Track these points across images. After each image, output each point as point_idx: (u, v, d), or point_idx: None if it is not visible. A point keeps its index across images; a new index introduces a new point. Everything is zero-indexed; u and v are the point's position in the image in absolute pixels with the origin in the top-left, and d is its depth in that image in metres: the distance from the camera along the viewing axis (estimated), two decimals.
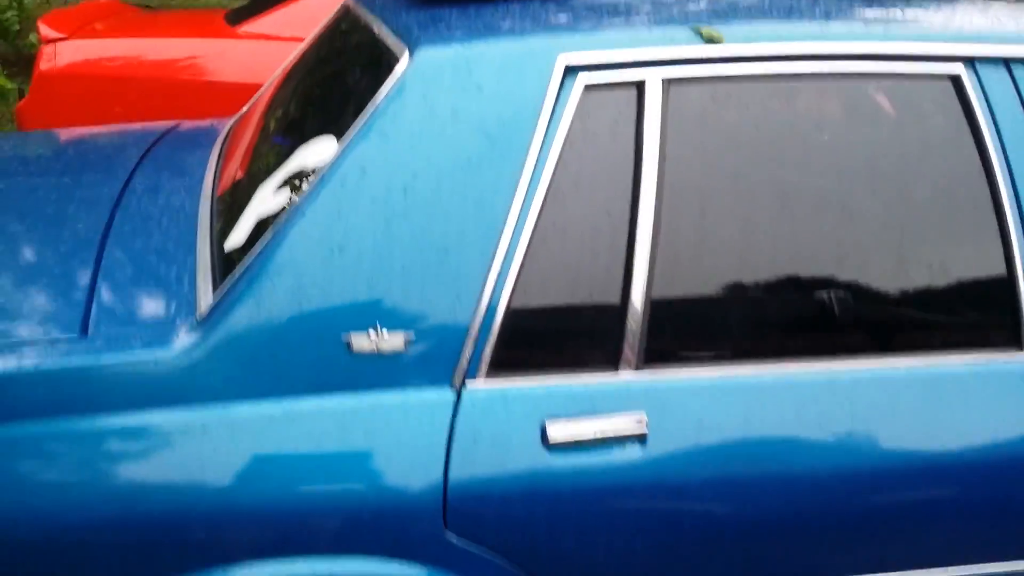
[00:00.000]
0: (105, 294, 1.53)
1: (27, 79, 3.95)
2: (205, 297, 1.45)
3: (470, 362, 1.42)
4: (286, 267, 1.38)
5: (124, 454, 1.35)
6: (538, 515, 1.44)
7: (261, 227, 1.48)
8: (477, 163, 1.42)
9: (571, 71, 1.45)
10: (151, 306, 1.53)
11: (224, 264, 1.50)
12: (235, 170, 1.86)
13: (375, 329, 1.38)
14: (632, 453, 1.46)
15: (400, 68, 1.44)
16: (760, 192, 1.55)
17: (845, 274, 1.58)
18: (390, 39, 1.56)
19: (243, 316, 1.37)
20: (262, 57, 3.67)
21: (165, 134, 2.36)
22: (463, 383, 1.42)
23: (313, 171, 1.47)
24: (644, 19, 1.56)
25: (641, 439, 1.46)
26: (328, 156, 1.44)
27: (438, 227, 1.41)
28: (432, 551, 1.41)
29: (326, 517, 1.38)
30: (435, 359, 1.41)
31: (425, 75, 1.43)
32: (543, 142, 1.43)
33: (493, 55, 1.44)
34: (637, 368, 1.48)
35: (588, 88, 1.46)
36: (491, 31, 1.50)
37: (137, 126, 2.56)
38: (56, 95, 3.73)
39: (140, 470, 1.35)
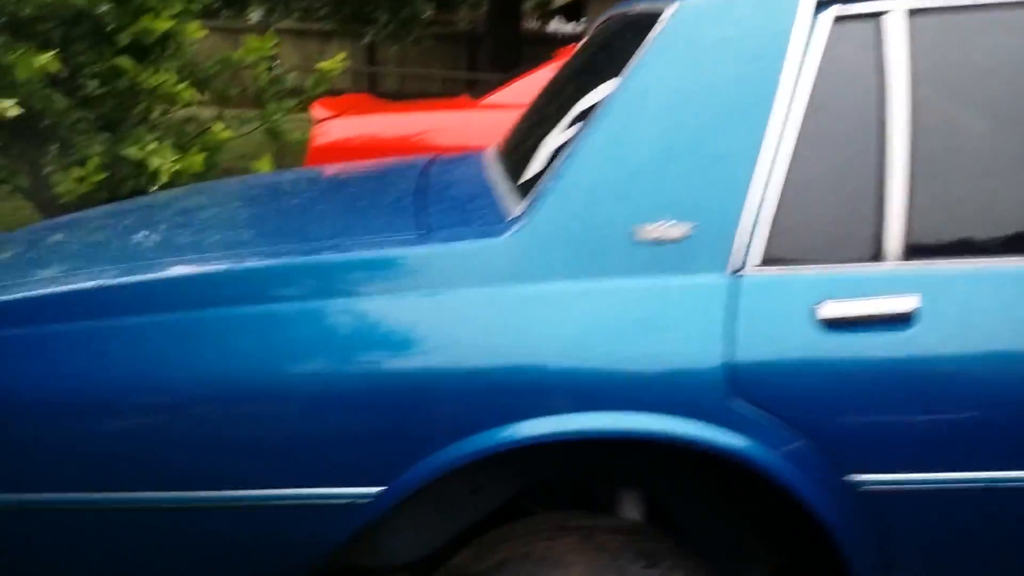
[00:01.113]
0: (434, 217, 1.87)
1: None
2: (516, 208, 1.72)
3: (744, 253, 1.61)
4: (583, 172, 1.64)
5: (456, 321, 1.60)
6: (814, 386, 1.59)
7: (555, 154, 1.75)
8: (741, 81, 1.64)
9: (821, 4, 1.67)
10: (472, 218, 1.85)
11: (524, 189, 1.78)
12: (516, 139, 2.17)
13: (660, 221, 1.61)
14: (900, 333, 1.59)
15: (668, 13, 1.70)
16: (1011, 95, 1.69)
17: None
18: (656, 5, 1.83)
19: (550, 213, 1.64)
20: (504, 123, 4.08)
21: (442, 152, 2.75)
22: (738, 271, 1.62)
23: (596, 105, 1.73)
24: None
25: (908, 320, 1.59)
26: (609, 91, 1.71)
27: (709, 137, 1.63)
28: (718, 414, 1.58)
29: (624, 378, 1.58)
30: (713, 249, 1.61)
31: (691, 13, 1.69)
32: (800, 62, 1.64)
33: None
34: (901, 259, 1.63)
35: (838, 19, 1.67)
36: None
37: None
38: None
39: (467, 334, 1.60)
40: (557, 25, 16.38)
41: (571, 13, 14.19)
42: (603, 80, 1.83)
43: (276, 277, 1.64)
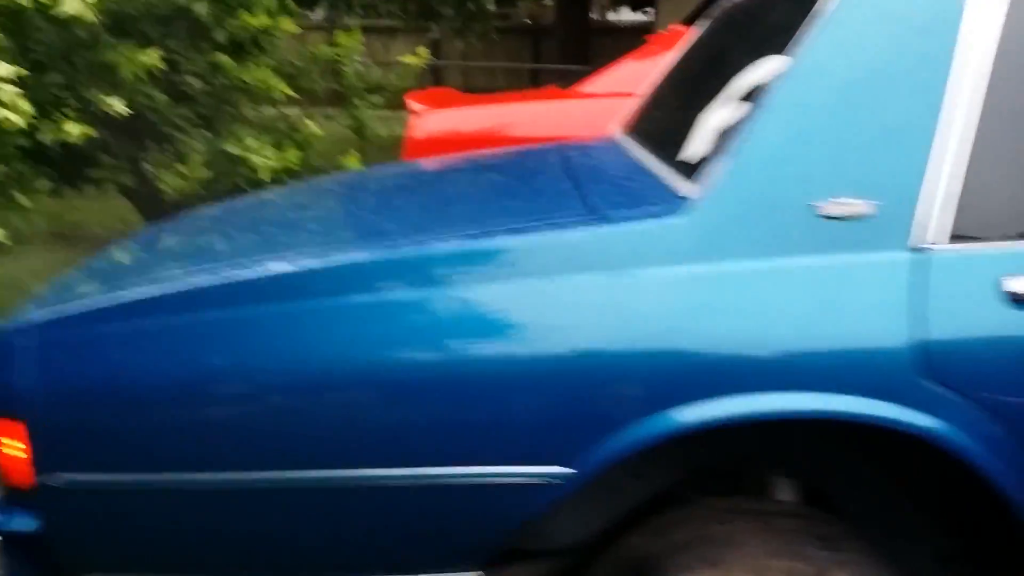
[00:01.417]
0: (598, 199, 1.87)
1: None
2: (685, 187, 1.70)
3: (928, 229, 1.58)
4: (762, 150, 1.62)
5: (640, 301, 1.59)
6: (1001, 363, 1.56)
7: (724, 132, 1.73)
8: (921, 53, 1.61)
9: None
10: (641, 198, 1.84)
11: (687, 168, 1.76)
12: (655, 121, 2.15)
13: (842, 197, 1.58)
14: None
15: None
16: None
17: None
18: None
19: (730, 191, 1.62)
20: (596, 111, 4.06)
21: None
22: (922, 247, 1.58)
23: (761, 85, 1.71)
24: None
25: None
26: (774, 70, 1.68)
27: (891, 112, 1.60)
28: (908, 394, 1.55)
29: (811, 358, 1.56)
30: (896, 225, 1.58)
31: None
32: (981, 32, 1.60)
33: None
34: None
35: None
36: None
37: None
38: (424, 157, 4.27)
39: (651, 314, 1.58)
40: (620, 15, 16.31)
41: (638, 3, 14.13)
42: (761, 56, 1.80)
43: (466, 260, 1.65)
